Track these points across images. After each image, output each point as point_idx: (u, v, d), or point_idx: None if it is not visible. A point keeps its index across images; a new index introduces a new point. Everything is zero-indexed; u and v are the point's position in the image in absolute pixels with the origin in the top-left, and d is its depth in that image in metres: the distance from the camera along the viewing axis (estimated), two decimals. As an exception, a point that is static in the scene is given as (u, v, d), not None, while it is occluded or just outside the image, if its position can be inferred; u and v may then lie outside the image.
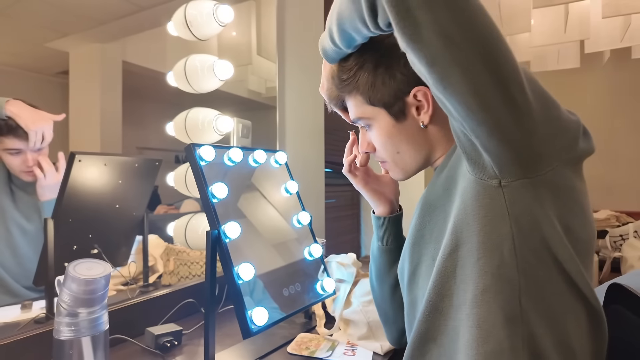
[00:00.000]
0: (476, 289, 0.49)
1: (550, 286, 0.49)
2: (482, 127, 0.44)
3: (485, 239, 0.48)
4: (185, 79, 1.07)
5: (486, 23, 0.41)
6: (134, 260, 1.17)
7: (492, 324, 0.48)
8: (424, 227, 0.60)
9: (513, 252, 0.48)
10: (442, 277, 0.53)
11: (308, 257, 0.96)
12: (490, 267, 0.48)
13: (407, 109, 0.61)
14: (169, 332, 0.89)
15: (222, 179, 0.83)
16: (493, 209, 0.48)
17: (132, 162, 1.11)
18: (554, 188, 0.48)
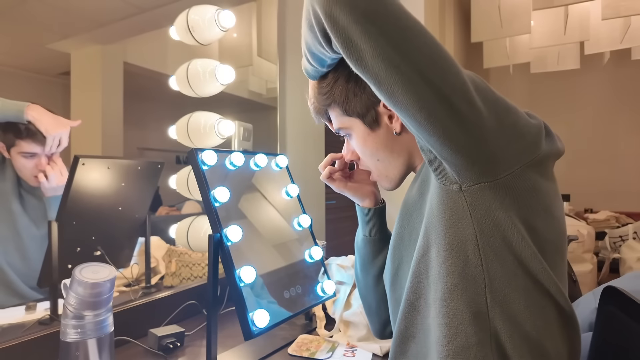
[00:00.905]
0: (445, 288, 0.52)
1: (515, 284, 0.51)
2: (433, 137, 0.48)
3: (451, 241, 0.52)
4: (188, 84, 1.08)
5: (424, 43, 0.45)
6: (136, 262, 1.18)
7: (460, 320, 0.51)
8: (403, 230, 0.63)
9: (477, 252, 0.51)
10: (417, 277, 0.57)
11: (308, 260, 0.97)
12: (457, 266, 0.51)
13: (379, 118, 0.64)
14: (171, 334, 0.90)
15: (227, 183, 0.84)
16: (456, 212, 0.51)
17: (134, 165, 1.12)
18: (514, 190, 0.50)
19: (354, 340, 0.92)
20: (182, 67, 1.10)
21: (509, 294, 0.51)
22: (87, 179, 0.98)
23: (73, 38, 1.26)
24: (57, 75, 1.24)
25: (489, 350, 0.50)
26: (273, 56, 1.64)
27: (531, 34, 2.49)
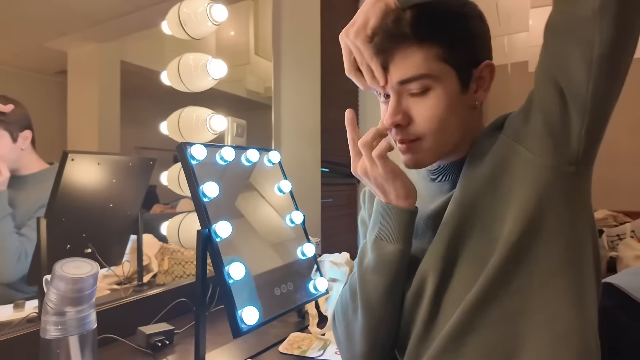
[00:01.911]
0: (544, 273, 0.51)
1: (586, 269, 0.54)
2: (606, 110, 0.50)
3: (557, 225, 0.51)
4: (179, 78, 1.07)
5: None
6: (128, 260, 1.17)
7: (559, 305, 0.51)
8: (463, 223, 0.55)
9: (577, 239, 0.53)
10: (507, 265, 0.52)
11: (301, 257, 0.96)
12: (559, 252, 0.52)
13: (471, 82, 0.57)
14: (160, 332, 0.89)
15: (216, 178, 0.82)
16: (567, 195, 0.52)
17: (126, 161, 1.11)
18: (591, 178, 0.55)
19: (346, 339, 0.91)
20: (174, 61, 1.09)
21: (590, 277, 0.54)
22: (77, 175, 0.97)
23: (70, 36, 1.25)
24: (53, 74, 1.23)
25: (592, 337, 0.52)
26: (270, 54, 1.63)
27: (529, 32, 2.48)
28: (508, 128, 0.57)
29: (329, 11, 2.05)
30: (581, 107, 0.48)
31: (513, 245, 0.51)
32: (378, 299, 0.59)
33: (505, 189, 0.54)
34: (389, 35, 0.53)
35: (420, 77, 0.54)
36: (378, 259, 0.58)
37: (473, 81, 0.57)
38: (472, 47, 0.56)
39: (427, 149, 0.58)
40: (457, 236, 0.56)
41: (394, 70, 0.55)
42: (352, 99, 2.41)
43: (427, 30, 0.53)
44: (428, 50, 0.53)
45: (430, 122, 0.56)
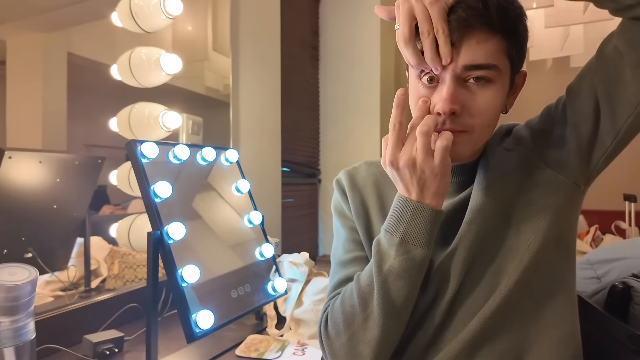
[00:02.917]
0: (555, 281, 0.55)
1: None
2: (628, 142, 0.53)
3: (569, 237, 0.57)
4: (130, 72, 1.02)
5: None
6: (74, 264, 1.10)
7: (565, 310, 0.55)
8: (484, 229, 0.55)
9: (574, 248, 0.58)
10: (526, 274, 0.54)
11: (259, 258, 0.94)
12: (567, 260, 0.57)
13: (513, 85, 0.56)
14: (109, 339, 0.84)
15: (169, 177, 0.79)
16: (576, 210, 0.58)
17: (71, 159, 1.04)
18: None
19: (304, 338, 0.90)
20: (125, 54, 1.03)
21: (574, 282, 0.59)
22: (15, 174, 0.90)
23: (9, 24, 1.16)
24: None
25: (580, 338, 0.56)
26: (229, 51, 1.60)
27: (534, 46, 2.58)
28: (525, 141, 0.59)
29: (289, 10, 2.03)
30: (614, 134, 0.52)
31: (533, 256, 0.54)
32: (401, 306, 0.53)
33: (524, 200, 0.56)
34: (475, 13, 0.48)
35: (490, 66, 0.50)
36: (405, 264, 0.52)
37: (514, 85, 0.56)
38: (525, 50, 0.55)
39: (468, 143, 0.54)
40: (478, 243, 0.55)
41: (465, 51, 0.49)
42: (313, 100, 2.42)
43: (506, 20, 0.50)
44: (500, 41, 0.50)
45: (484, 115, 0.52)
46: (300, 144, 2.21)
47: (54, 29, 1.25)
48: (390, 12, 0.51)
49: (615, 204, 2.82)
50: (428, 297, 0.56)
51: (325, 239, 2.43)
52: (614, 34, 0.50)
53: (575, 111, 0.54)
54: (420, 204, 0.51)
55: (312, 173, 2.35)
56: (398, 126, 0.51)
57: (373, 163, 0.68)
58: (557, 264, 0.56)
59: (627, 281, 0.69)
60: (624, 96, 0.49)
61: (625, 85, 0.49)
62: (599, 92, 0.51)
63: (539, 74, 3.52)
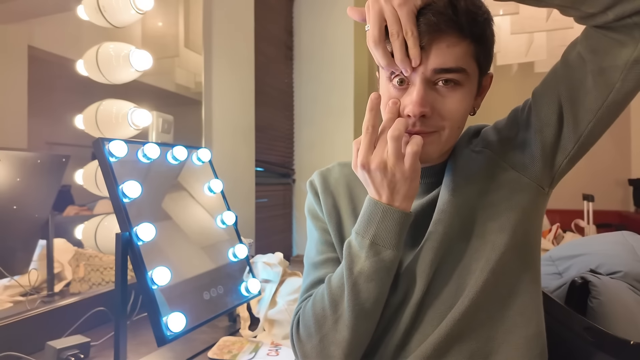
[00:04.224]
0: (522, 282, 0.56)
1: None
2: (590, 146, 0.54)
3: (534, 238, 0.58)
4: (97, 68, 0.98)
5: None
6: (35, 268, 1.05)
7: (532, 310, 0.56)
8: (451, 230, 0.56)
9: (539, 248, 0.60)
10: (493, 275, 0.54)
11: (232, 259, 0.93)
12: (534, 261, 0.58)
13: (480, 87, 0.57)
14: (74, 345, 0.81)
15: (138, 177, 0.77)
16: (540, 212, 0.59)
17: (33, 157, 0.99)
18: None
19: (278, 339, 0.90)
20: (92, 49, 1.00)
21: (539, 282, 0.60)
22: (-30, 173, 0.85)
23: (-39, 13, 1.09)
24: (-59, 56, 1.06)
25: (545, 337, 0.58)
26: (201, 48, 1.57)
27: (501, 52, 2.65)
28: (492, 143, 0.59)
29: (263, 9, 2.02)
30: (576, 138, 0.53)
31: (500, 256, 0.54)
32: (371, 308, 0.54)
33: (490, 202, 0.57)
34: (444, 17, 0.49)
35: (459, 70, 0.51)
36: (376, 265, 0.53)
37: (481, 87, 0.58)
38: (491, 55, 0.56)
39: (437, 144, 0.54)
40: (445, 245, 0.56)
41: (435, 55, 0.50)
42: (288, 100, 2.41)
43: (474, 25, 0.51)
44: (469, 46, 0.51)
45: (453, 118, 0.53)
46: (274, 143, 2.20)
47: (13, 20, 1.19)
48: (362, 13, 0.51)
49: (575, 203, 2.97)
50: (397, 297, 0.57)
51: (299, 239, 2.43)
52: (578, 41, 0.51)
53: (539, 115, 0.55)
54: (390, 206, 0.52)
55: (286, 173, 2.34)
56: (371, 129, 0.51)
57: (346, 164, 0.68)
58: (523, 265, 0.57)
59: (585, 276, 0.73)
60: (586, 102, 0.50)
61: (587, 91, 0.50)
62: (562, 97, 0.52)
63: (505, 78, 3.67)
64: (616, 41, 0.47)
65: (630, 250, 0.80)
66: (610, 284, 0.72)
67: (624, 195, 4.02)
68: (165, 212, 0.82)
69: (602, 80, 0.48)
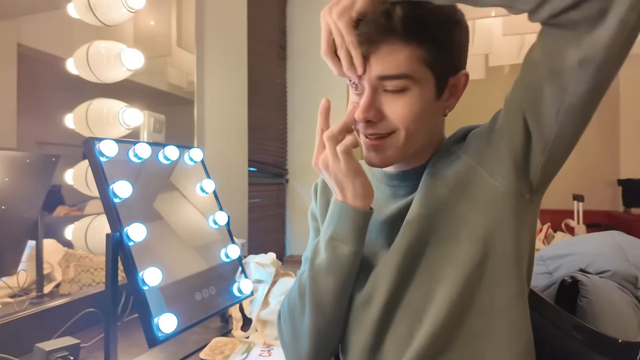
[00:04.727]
0: (508, 295, 0.53)
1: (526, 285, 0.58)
2: (565, 152, 0.50)
3: (516, 249, 0.54)
4: (88, 67, 0.97)
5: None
6: (24, 269, 1.03)
7: (522, 325, 0.54)
8: (420, 234, 0.56)
9: (529, 259, 0.57)
10: (468, 286, 0.53)
11: (224, 259, 0.93)
12: (519, 273, 0.54)
13: (445, 89, 0.56)
14: (63, 347, 0.80)
15: (129, 177, 0.76)
16: (522, 221, 0.54)
17: (22, 157, 0.98)
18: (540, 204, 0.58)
19: (270, 340, 0.90)
20: (82, 48, 0.99)
21: (526, 293, 0.57)
22: (-43, 173, 0.83)
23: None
24: None
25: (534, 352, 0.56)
26: (194, 47, 1.56)
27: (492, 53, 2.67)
28: (472, 148, 0.57)
29: (256, 8, 2.01)
30: (543, 145, 0.50)
31: (474, 267, 0.53)
32: (329, 300, 0.57)
33: (464, 208, 0.54)
34: (378, 27, 0.50)
35: (401, 76, 0.52)
36: (331, 259, 0.56)
37: (448, 89, 0.56)
38: (455, 55, 0.55)
39: (395, 147, 0.56)
40: (414, 248, 0.56)
41: (375, 63, 0.52)
42: (281, 99, 2.41)
43: (417, 30, 0.51)
44: (413, 50, 0.51)
45: (405, 122, 0.54)
46: (267, 143, 2.19)
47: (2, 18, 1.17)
48: None
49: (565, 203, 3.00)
50: (363, 295, 0.58)
51: (292, 240, 2.43)
52: (534, 43, 0.49)
53: (508, 122, 0.52)
54: (344, 204, 0.55)
55: (279, 173, 2.33)
56: (320, 132, 0.56)
57: None
58: (508, 278, 0.53)
59: (575, 276, 0.74)
60: (545, 107, 0.48)
61: (544, 95, 0.47)
62: (524, 103, 0.50)
63: (497, 79, 3.70)
64: (563, 40, 0.44)
65: (618, 250, 0.81)
66: (600, 283, 0.73)
67: (613, 196, 4.08)
68: (156, 212, 0.81)
69: (555, 83, 0.46)
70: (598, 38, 0.41)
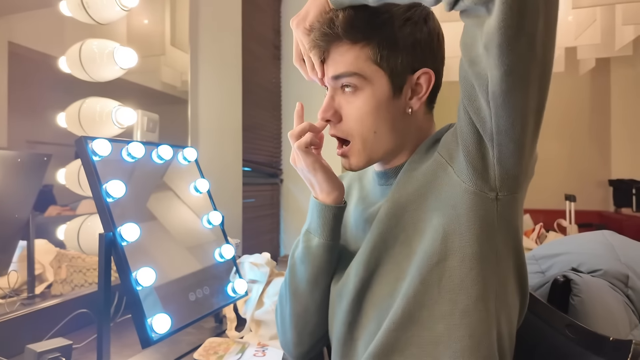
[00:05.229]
0: (469, 299, 0.50)
1: (509, 288, 0.54)
2: (514, 144, 0.47)
3: (478, 250, 0.50)
4: (81, 65, 0.97)
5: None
6: (15, 269, 1.02)
7: (483, 331, 0.51)
8: (388, 231, 0.56)
9: (497, 262, 0.52)
10: (424, 286, 0.51)
11: (218, 259, 0.92)
12: (482, 277, 0.51)
13: (404, 87, 0.56)
14: (55, 348, 0.79)
15: (123, 176, 0.76)
16: (486, 220, 0.51)
17: (13, 156, 0.97)
18: (521, 204, 0.54)
19: (265, 340, 0.90)
20: (75, 46, 0.98)
21: (508, 299, 0.54)
22: (-54, 172, 0.82)
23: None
24: None
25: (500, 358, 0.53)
26: (188, 46, 1.55)
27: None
28: (443, 146, 0.56)
29: (250, 7, 2.01)
30: (489, 139, 0.48)
31: (432, 266, 0.51)
32: (304, 288, 0.62)
33: (430, 205, 0.54)
34: (323, 34, 0.55)
35: (351, 74, 0.55)
36: (305, 250, 0.61)
37: (408, 87, 0.57)
38: (408, 52, 0.55)
39: (356, 152, 0.58)
40: (381, 243, 0.56)
41: (329, 65, 0.57)
42: (275, 99, 2.40)
43: (358, 32, 0.54)
44: (360, 50, 0.55)
45: (357, 123, 0.57)
46: (262, 143, 2.19)
47: (-9, 15, 1.16)
48: None
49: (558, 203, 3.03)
50: (337, 288, 0.62)
51: (287, 240, 2.43)
52: None
53: (459, 119, 0.52)
54: (315, 199, 0.61)
55: (274, 173, 2.33)
56: None
57: None
58: (470, 282, 0.51)
59: (567, 275, 0.75)
60: (476, 98, 0.47)
61: (473, 86, 0.47)
62: (464, 98, 0.50)
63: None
64: (473, 28, 0.45)
65: (610, 249, 0.81)
66: (591, 282, 0.74)
67: (604, 196, 4.13)
68: (150, 212, 0.81)
69: (476, 72, 0.46)
70: (491, 21, 0.42)
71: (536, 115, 0.47)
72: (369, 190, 0.67)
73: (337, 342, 0.61)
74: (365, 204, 0.65)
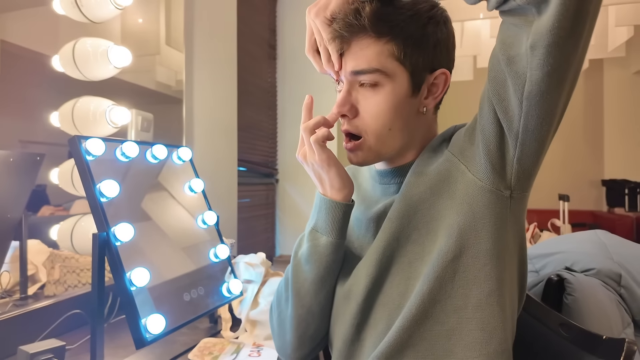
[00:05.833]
0: (481, 293, 0.51)
1: (515, 284, 0.56)
2: (537, 143, 0.48)
3: (492, 246, 0.51)
4: (74, 64, 0.96)
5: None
6: (7, 270, 1.01)
7: (495, 326, 0.51)
8: (400, 230, 0.56)
9: (507, 258, 0.53)
10: (440, 283, 0.52)
11: (213, 259, 0.92)
12: (496, 272, 0.52)
13: (422, 86, 0.57)
14: (48, 349, 0.78)
15: (117, 176, 0.75)
16: (500, 217, 0.52)
17: (5, 156, 0.96)
18: (527, 202, 0.55)
19: (260, 340, 0.89)
20: (68, 45, 0.97)
21: (511, 296, 0.55)
22: (-63, 172, 0.81)
23: None
24: None
25: (511, 355, 0.53)
26: (182, 45, 1.54)
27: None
28: (454, 145, 0.57)
29: (245, 7, 2.01)
30: (514, 138, 0.49)
31: (447, 263, 0.52)
32: (308, 289, 0.59)
33: (443, 204, 0.54)
34: (347, 24, 0.53)
35: (372, 70, 0.54)
36: (311, 249, 0.58)
37: (425, 87, 0.57)
38: (429, 52, 0.55)
39: (367, 148, 0.57)
40: (394, 243, 0.56)
41: (348, 58, 0.55)
42: (271, 99, 2.40)
43: (384, 26, 0.53)
44: (383, 46, 0.54)
45: (374, 119, 0.56)
46: (257, 143, 2.19)
47: (-17, 14, 1.15)
48: None
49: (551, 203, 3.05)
50: (344, 290, 0.60)
51: (282, 240, 2.42)
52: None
53: (482, 116, 0.52)
54: (324, 196, 0.58)
55: (269, 173, 2.33)
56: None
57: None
58: (483, 276, 0.52)
59: (561, 274, 0.75)
60: (509, 97, 0.48)
61: (507, 85, 0.48)
62: (492, 96, 0.50)
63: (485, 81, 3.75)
64: (516, 27, 0.45)
65: (603, 248, 0.82)
66: (585, 281, 0.74)
67: (597, 196, 4.16)
68: (144, 212, 0.80)
69: (513, 71, 0.46)
70: (542, 22, 0.42)
71: (561, 115, 0.49)
72: (367, 190, 0.66)
73: (342, 343, 0.59)
74: (366, 203, 0.64)
